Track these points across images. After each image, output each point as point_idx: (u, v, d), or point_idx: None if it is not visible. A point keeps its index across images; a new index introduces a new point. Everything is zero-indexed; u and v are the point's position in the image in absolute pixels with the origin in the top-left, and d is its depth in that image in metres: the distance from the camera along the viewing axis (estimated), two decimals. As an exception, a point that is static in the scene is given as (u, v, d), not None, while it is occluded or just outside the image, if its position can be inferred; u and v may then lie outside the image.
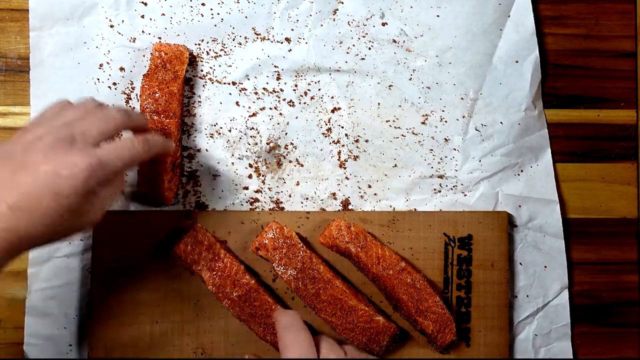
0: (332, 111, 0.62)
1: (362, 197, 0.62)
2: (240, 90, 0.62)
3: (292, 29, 0.62)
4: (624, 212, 0.64)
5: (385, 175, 0.62)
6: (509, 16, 0.63)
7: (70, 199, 0.44)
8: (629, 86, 0.65)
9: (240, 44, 0.62)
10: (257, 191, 0.62)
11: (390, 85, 0.63)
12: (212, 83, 0.62)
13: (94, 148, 0.46)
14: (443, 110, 0.63)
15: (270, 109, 0.62)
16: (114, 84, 0.61)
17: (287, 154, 0.62)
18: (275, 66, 0.62)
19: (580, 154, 0.64)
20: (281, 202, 0.62)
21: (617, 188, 0.64)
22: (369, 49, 0.62)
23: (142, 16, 0.61)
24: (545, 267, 0.62)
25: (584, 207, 0.64)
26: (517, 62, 0.63)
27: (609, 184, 0.64)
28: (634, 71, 0.65)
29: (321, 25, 0.62)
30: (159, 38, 0.61)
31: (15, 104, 0.62)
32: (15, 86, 0.62)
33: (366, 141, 0.62)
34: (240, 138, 0.62)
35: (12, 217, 0.42)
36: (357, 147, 0.62)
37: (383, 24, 0.62)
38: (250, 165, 0.62)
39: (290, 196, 0.62)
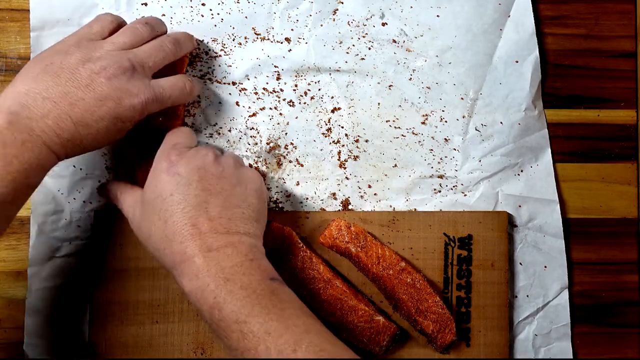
0: (332, 111, 0.62)
1: (362, 197, 0.62)
2: (240, 90, 0.62)
3: (292, 29, 0.62)
4: (624, 212, 0.64)
5: (385, 175, 0.62)
6: (509, 16, 0.63)
7: (126, 123, 0.50)
8: (629, 86, 0.65)
9: (240, 44, 0.62)
10: (257, 191, 0.62)
11: (390, 85, 0.63)
12: (212, 83, 0.62)
13: (150, 79, 0.51)
14: (443, 110, 0.63)
15: (270, 109, 0.62)
16: (114, 84, 0.61)
17: (287, 154, 0.62)
18: (275, 66, 0.62)
19: (580, 154, 0.64)
20: (281, 202, 0.62)
21: (617, 188, 0.64)
22: (369, 49, 0.62)
23: (142, 17, 0.61)
24: (545, 267, 0.62)
25: (584, 207, 0.64)
26: (517, 62, 0.63)
27: (609, 184, 0.64)
28: (634, 71, 0.65)
29: (321, 25, 0.62)
30: (159, 38, 0.61)
31: None
32: None
33: (366, 141, 0.62)
34: (240, 138, 0.62)
35: (74, 130, 0.47)
36: (357, 147, 0.62)
37: (383, 24, 0.63)
38: (250, 165, 0.62)
39: (290, 196, 0.62)
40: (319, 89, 0.62)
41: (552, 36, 0.64)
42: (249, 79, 0.62)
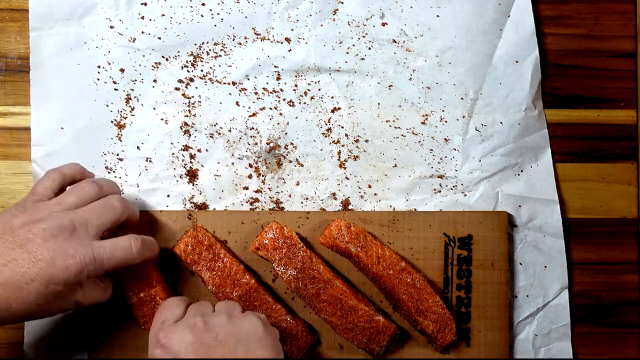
0: (332, 111, 0.62)
1: (362, 197, 0.62)
2: (240, 90, 0.62)
3: (292, 29, 0.62)
4: (624, 212, 0.64)
5: (385, 175, 0.62)
6: (508, 16, 0.63)
7: (59, 287, 0.46)
8: (629, 86, 0.65)
9: (240, 44, 0.62)
10: (257, 191, 0.62)
11: (390, 85, 0.63)
12: (212, 83, 0.62)
13: (92, 240, 0.49)
14: (443, 110, 0.63)
15: (270, 109, 0.62)
16: (114, 82, 0.61)
17: (287, 154, 0.62)
18: (275, 66, 0.62)
19: (580, 154, 0.64)
20: (281, 202, 0.62)
21: (617, 188, 0.64)
22: (369, 49, 0.62)
23: (142, 17, 0.61)
24: (545, 267, 0.62)
25: (584, 207, 0.64)
26: (517, 62, 0.63)
27: (609, 184, 0.64)
28: (634, 71, 0.65)
29: (321, 25, 0.62)
30: (159, 38, 0.61)
31: (15, 104, 0.62)
32: (15, 86, 0.62)
33: (366, 141, 0.62)
34: (240, 138, 0.62)
35: (2, 292, 0.44)
36: (357, 147, 0.62)
37: (383, 24, 0.62)
38: (250, 165, 0.62)
39: (290, 196, 0.62)
40: (319, 89, 0.62)
41: (552, 36, 0.64)
42: (249, 79, 0.62)
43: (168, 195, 0.61)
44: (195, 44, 0.62)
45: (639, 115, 0.65)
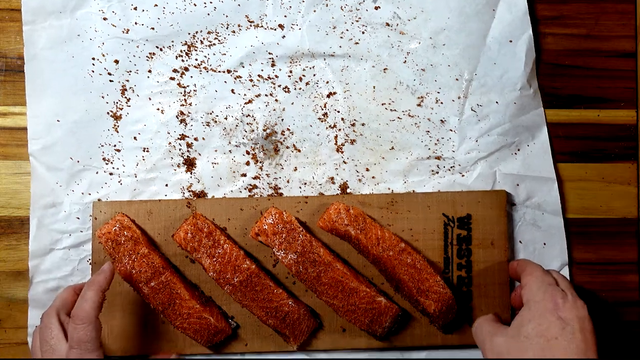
0: (328, 96, 0.62)
1: (360, 180, 0.62)
2: (235, 78, 0.62)
3: (285, 16, 0.62)
4: (624, 212, 0.64)
5: (383, 158, 0.62)
6: (501, -4, 0.63)
7: None
8: (629, 86, 0.65)
9: (234, 32, 0.62)
10: (255, 178, 0.62)
11: (385, 69, 0.63)
12: (207, 72, 0.62)
13: None
14: (438, 92, 0.63)
15: (266, 95, 0.62)
16: (109, 74, 0.61)
17: (284, 140, 0.62)
18: (269, 53, 0.62)
19: (580, 154, 0.64)
20: (279, 188, 0.62)
21: (617, 188, 0.64)
22: (363, 33, 0.63)
23: (135, 7, 0.61)
24: (545, 244, 0.62)
25: (584, 207, 0.64)
26: (510, 41, 0.63)
27: (609, 184, 0.64)
28: (634, 71, 0.65)
29: (314, 11, 0.62)
30: (153, 29, 0.61)
31: (15, 104, 0.62)
32: (15, 86, 0.62)
33: (362, 125, 0.62)
34: (237, 125, 0.62)
35: None
36: (353, 130, 0.62)
37: (376, 8, 0.63)
38: (248, 152, 0.62)
39: (288, 182, 0.62)
40: (314, 75, 0.62)
41: (552, 36, 0.64)
42: (243, 67, 0.62)
43: (166, 185, 0.61)
44: (189, 33, 0.62)
45: (639, 115, 0.65)
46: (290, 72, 0.62)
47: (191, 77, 0.62)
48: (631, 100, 0.64)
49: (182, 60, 0.62)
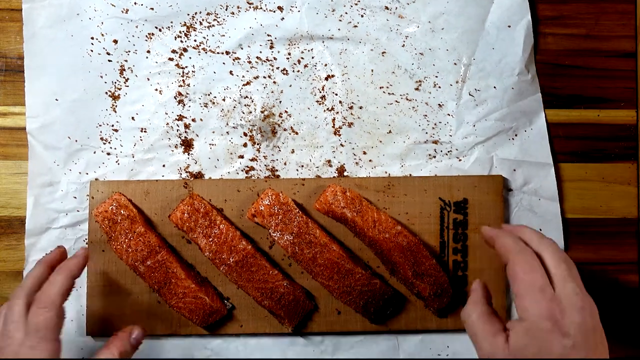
0: (326, 79, 0.62)
1: (357, 163, 0.62)
2: (233, 60, 0.62)
3: (284, -2, 0.62)
4: (624, 212, 0.64)
5: (380, 141, 0.62)
6: (500, -19, 0.63)
7: None
8: (629, 86, 0.64)
9: (233, 13, 0.62)
10: (252, 159, 0.62)
11: (383, 52, 0.63)
12: (206, 53, 0.62)
13: None
14: (436, 76, 0.63)
15: (264, 77, 0.62)
16: (108, 53, 0.61)
17: (281, 122, 0.62)
18: (268, 35, 0.62)
19: (580, 154, 0.64)
20: (276, 170, 0.62)
21: (617, 188, 0.64)
22: (362, 16, 0.62)
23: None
24: (541, 230, 0.62)
25: (584, 207, 0.64)
26: (509, 26, 0.63)
27: (609, 184, 0.64)
28: (634, 71, 0.64)
29: (313, -6, 0.62)
30: (152, 9, 0.61)
31: (15, 104, 0.62)
32: (15, 86, 0.62)
33: (360, 108, 0.62)
34: (235, 107, 0.62)
35: None
36: (351, 113, 0.62)
37: (375, -9, 0.62)
38: (245, 134, 0.62)
39: (285, 164, 0.62)
40: (312, 57, 0.62)
41: (552, 36, 0.64)
42: (242, 48, 0.62)
43: (164, 165, 0.61)
44: (188, 14, 0.62)
45: (639, 115, 0.64)
46: (289, 54, 0.62)
47: (190, 58, 0.62)
48: (631, 100, 0.64)
49: (181, 41, 0.62)
